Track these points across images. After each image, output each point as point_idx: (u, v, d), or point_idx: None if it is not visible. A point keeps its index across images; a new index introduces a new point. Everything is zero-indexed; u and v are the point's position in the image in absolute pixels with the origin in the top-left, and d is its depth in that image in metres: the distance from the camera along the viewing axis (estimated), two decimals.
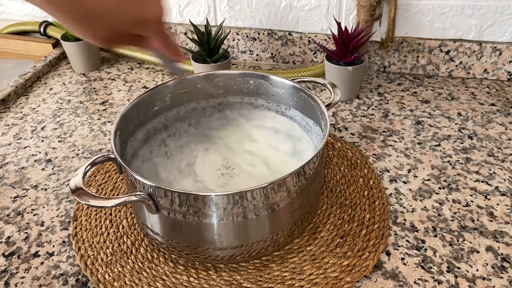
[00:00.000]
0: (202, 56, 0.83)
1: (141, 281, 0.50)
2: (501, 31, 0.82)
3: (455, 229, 0.55)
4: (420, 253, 0.52)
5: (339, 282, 0.49)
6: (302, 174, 0.47)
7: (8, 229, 0.58)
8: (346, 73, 0.78)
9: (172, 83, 0.61)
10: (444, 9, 0.82)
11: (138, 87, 0.90)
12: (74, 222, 0.58)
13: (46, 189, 0.64)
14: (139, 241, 0.55)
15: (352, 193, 0.61)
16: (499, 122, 0.74)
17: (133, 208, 0.55)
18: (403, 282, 0.49)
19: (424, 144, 0.70)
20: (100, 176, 0.66)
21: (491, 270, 0.50)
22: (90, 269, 0.52)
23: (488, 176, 0.63)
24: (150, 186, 0.44)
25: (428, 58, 0.87)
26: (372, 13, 0.82)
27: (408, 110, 0.79)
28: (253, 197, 0.44)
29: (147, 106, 0.60)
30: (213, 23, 0.96)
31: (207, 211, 0.45)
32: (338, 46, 0.78)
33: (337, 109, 0.80)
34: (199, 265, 0.52)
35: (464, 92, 0.83)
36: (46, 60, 0.98)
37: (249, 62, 0.98)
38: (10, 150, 0.73)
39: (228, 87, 0.64)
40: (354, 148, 0.69)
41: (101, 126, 0.78)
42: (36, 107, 0.84)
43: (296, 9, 0.89)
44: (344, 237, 0.54)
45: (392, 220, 0.57)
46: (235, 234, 0.47)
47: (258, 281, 0.50)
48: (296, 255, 0.52)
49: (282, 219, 0.50)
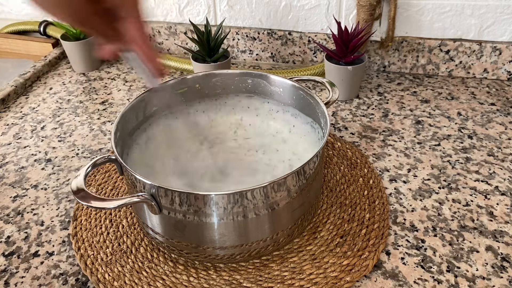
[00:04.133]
0: (202, 56, 0.83)
1: (141, 280, 0.50)
2: (501, 30, 0.82)
3: (455, 228, 0.55)
4: (420, 252, 0.52)
5: (339, 282, 0.49)
6: (302, 174, 0.47)
7: (8, 228, 0.58)
8: (346, 72, 0.78)
9: (171, 83, 0.61)
10: (444, 8, 0.82)
11: (138, 86, 0.90)
12: (74, 221, 0.58)
13: (46, 188, 0.64)
14: (139, 240, 0.55)
15: (352, 192, 0.61)
16: (499, 121, 0.74)
17: (133, 208, 0.55)
18: (403, 282, 0.49)
19: (424, 143, 0.70)
20: (100, 176, 0.66)
21: (491, 269, 0.50)
22: (90, 268, 0.52)
23: (488, 176, 0.63)
24: (152, 186, 0.44)
25: (428, 57, 0.87)
26: (372, 13, 0.82)
27: (408, 110, 0.79)
28: (253, 196, 0.44)
29: (146, 106, 0.60)
30: (213, 22, 0.96)
31: (207, 211, 0.45)
32: (338, 45, 0.78)
33: (337, 109, 0.80)
34: (199, 265, 0.52)
35: (464, 92, 0.83)
36: (46, 59, 0.98)
37: (249, 61, 0.98)
38: (10, 150, 0.73)
39: (227, 86, 0.64)
40: (354, 147, 0.69)
41: (101, 125, 0.78)
42: (36, 107, 0.84)
43: (296, 9, 0.89)
44: (344, 236, 0.54)
45: (392, 219, 0.57)
46: (235, 234, 0.47)
47: (258, 280, 0.50)
48: (296, 255, 0.52)
49: (282, 219, 0.50)
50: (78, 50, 0.93)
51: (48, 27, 1.03)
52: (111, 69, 0.97)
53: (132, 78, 0.93)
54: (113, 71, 0.96)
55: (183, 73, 0.94)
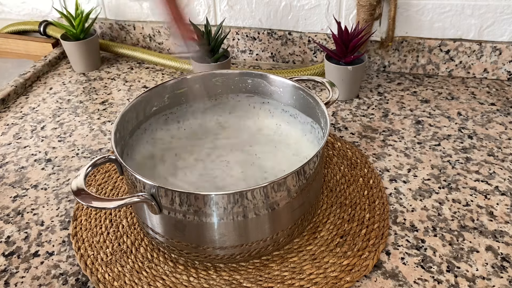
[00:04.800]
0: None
1: (141, 280, 0.50)
2: (501, 30, 0.82)
3: (455, 228, 0.55)
4: (420, 252, 0.52)
5: (339, 282, 0.49)
6: (302, 174, 0.47)
7: (8, 228, 0.58)
8: (346, 72, 0.78)
9: (171, 83, 0.61)
10: (444, 8, 0.82)
11: (138, 86, 0.90)
12: (74, 221, 0.58)
13: (46, 188, 0.64)
14: (139, 240, 0.55)
15: (352, 192, 0.61)
16: (499, 121, 0.74)
17: (133, 208, 0.55)
18: (403, 282, 0.49)
19: (424, 143, 0.70)
20: (100, 175, 0.66)
21: (490, 269, 0.50)
22: (90, 268, 0.52)
23: (488, 176, 0.63)
24: (152, 186, 0.44)
25: (428, 57, 0.87)
26: (372, 13, 0.82)
27: (408, 110, 0.79)
28: (253, 196, 0.44)
29: (146, 106, 0.60)
30: (213, 22, 0.96)
31: (207, 211, 0.45)
32: (338, 45, 0.78)
33: (337, 109, 0.80)
34: (199, 265, 0.52)
35: (464, 92, 0.83)
36: (46, 59, 0.98)
37: (249, 61, 0.98)
38: (10, 150, 0.73)
39: (226, 86, 0.64)
40: (354, 147, 0.69)
41: (101, 125, 0.78)
42: (36, 107, 0.84)
43: (296, 9, 0.89)
44: (344, 236, 0.54)
45: (392, 219, 0.57)
46: (235, 234, 0.47)
47: (258, 280, 0.50)
48: (296, 255, 0.52)
49: (282, 219, 0.50)
50: (78, 50, 0.93)
51: (48, 27, 1.03)
52: (111, 69, 0.97)
53: (132, 78, 0.93)
54: (113, 71, 0.96)
55: (183, 73, 0.94)
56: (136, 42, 1.03)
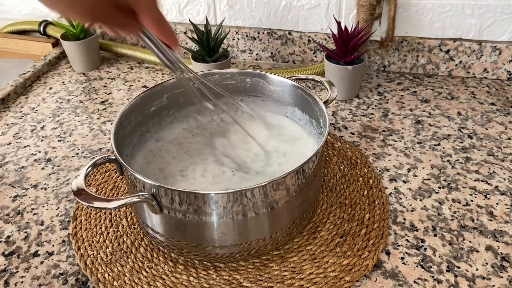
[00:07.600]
0: (202, 56, 0.83)
1: (141, 280, 0.50)
2: (501, 30, 0.82)
3: (455, 228, 0.55)
4: (419, 252, 0.52)
5: (338, 282, 0.49)
6: (301, 173, 0.47)
7: (8, 228, 0.58)
8: (346, 72, 0.78)
9: (170, 82, 0.61)
10: (444, 8, 0.82)
11: (138, 86, 0.90)
12: (73, 221, 0.58)
13: (45, 188, 0.64)
14: (139, 240, 0.55)
15: (351, 192, 0.61)
16: (498, 121, 0.74)
17: (133, 208, 0.55)
18: (402, 282, 0.49)
19: (424, 143, 0.70)
20: (100, 175, 0.66)
21: (490, 269, 0.50)
22: (89, 268, 0.52)
23: (487, 176, 0.63)
24: (153, 186, 0.44)
25: (428, 57, 0.87)
26: (372, 12, 0.82)
27: (408, 110, 0.79)
28: (253, 195, 0.44)
29: (146, 106, 0.60)
30: (213, 22, 0.96)
31: (207, 210, 0.45)
32: (338, 45, 0.78)
33: (337, 109, 0.80)
34: (199, 264, 0.52)
35: (464, 92, 0.83)
36: (46, 59, 0.98)
37: (249, 61, 0.98)
38: (10, 150, 0.73)
39: (225, 86, 0.64)
40: (354, 147, 0.69)
41: (100, 125, 0.78)
42: (36, 107, 0.84)
43: (296, 8, 0.89)
44: (344, 236, 0.54)
45: (391, 219, 0.57)
46: (234, 232, 0.47)
47: (258, 280, 0.50)
48: (295, 255, 0.52)
49: (281, 218, 0.50)
50: (78, 50, 0.93)
51: (48, 27, 1.03)
52: (111, 68, 0.97)
53: (132, 78, 0.93)
54: (113, 71, 0.96)
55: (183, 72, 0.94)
56: (136, 42, 1.03)
